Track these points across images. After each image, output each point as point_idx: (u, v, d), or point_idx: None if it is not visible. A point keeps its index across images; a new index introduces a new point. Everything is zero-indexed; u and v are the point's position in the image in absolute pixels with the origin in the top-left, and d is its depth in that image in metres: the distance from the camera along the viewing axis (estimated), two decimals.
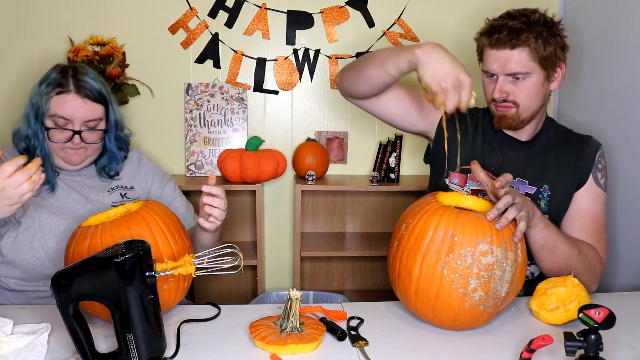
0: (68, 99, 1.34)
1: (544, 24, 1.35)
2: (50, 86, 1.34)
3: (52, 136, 1.35)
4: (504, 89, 1.37)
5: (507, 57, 1.34)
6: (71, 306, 0.93)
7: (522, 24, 1.33)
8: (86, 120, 1.36)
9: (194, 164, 2.21)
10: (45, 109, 1.33)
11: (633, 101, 1.75)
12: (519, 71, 1.34)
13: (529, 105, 1.37)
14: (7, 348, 0.98)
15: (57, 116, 1.33)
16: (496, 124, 1.42)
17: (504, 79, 1.36)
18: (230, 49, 2.19)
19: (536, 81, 1.36)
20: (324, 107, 2.27)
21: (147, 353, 0.95)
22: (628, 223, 1.77)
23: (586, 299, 1.16)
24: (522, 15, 1.36)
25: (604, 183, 1.41)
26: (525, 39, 1.32)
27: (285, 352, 1.00)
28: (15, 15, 2.11)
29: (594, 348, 0.85)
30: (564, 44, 1.39)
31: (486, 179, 1.17)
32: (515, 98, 1.37)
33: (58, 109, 1.33)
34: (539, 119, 1.44)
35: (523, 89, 1.36)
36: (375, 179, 2.11)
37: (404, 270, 1.11)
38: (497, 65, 1.36)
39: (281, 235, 2.33)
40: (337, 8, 2.19)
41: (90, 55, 2.05)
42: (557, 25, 1.38)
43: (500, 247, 1.05)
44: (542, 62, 1.35)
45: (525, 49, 1.33)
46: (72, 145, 1.36)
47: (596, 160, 1.41)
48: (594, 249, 1.34)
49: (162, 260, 1.02)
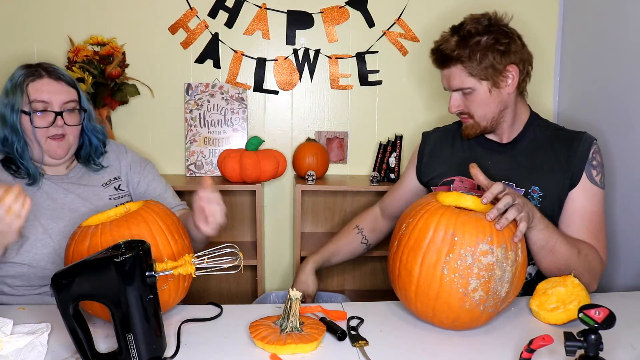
0: (43, 82, 1.36)
1: (481, 34, 1.36)
2: (22, 77, 1.35)
3: (35, 122, 1.34)
4: (456, 103, 1.43)
5: (447, 75, 1.42)
6: (71, 306, 0.93)
7: (454, 43, 1.37)
8: (64, 102, 1.37)
9: (194, 164, 2.21)
10: (21, 99, 1.34)
11: (633, 100, 1.75)
12: (461, 87, 1.40)
13: (484, 114, 1.42)
14: (7, 348, 0.98)
15: (35, 101, 1.34)
16: (462, 134, 1.50)
17: (453, 93, 1.43)
18: (230, 49, 2.19)
19: (482, 93, 1.39)
20: (324, 107, 2.27)
21: (147, 353, 0.95)
22: (628, 223, 1.77)
23: (586, 298, 1.16)
24: (460, 29, 1.39)
25: (600, 180, 1.38)
26: (457, 57, 1.37)
27: (285, 352, 1.00)
28: (15, 15, 2.11)
29: (594, 348, 0.85)
30: (507, 49, 1.37)
31: (486, 182, 1.17)
32: (468, 110, 1.43)
33: (35, 94, 1.35)
34: (511, 121, 1.45)
35: (472, 101, 1.41)
36: (375, 179, 2.11)
37: (404, 270, 1.11)
38: (445, 82, 1.45)
39: (281, 235, 2.33)
40: (337, 8, 2.19)
41: (90, 55, 2.05)
42: (497, 33, 1.37)
43: (501, 247, 1.05)
44: (482, 75, 1.37)
45: (458, 66, 1.38)
46: (55, 130, 1.36)
47: (590, 157, 1.38)
48: (594, 249, 1.33)
49: (162, 260, 1.02)
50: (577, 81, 2.10)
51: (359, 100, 2.26)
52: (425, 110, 2.28)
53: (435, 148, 1.59)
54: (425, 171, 1.58)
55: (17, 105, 1.34)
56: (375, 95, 2.27)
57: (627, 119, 1.78)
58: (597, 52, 1.96)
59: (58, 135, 1.37)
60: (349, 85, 2.24)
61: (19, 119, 1.35)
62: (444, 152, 1.56)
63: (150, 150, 2.21)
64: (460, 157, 1.51)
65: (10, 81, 1.37)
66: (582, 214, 1.36)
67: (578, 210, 1.36)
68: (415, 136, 2.23)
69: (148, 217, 1.13)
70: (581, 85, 2.07)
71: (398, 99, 2.27)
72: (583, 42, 2.06)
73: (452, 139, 1.57)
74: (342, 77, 2.23)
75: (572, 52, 2.15)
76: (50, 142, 1.37)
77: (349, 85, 2.24)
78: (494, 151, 1.47)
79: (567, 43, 2.18)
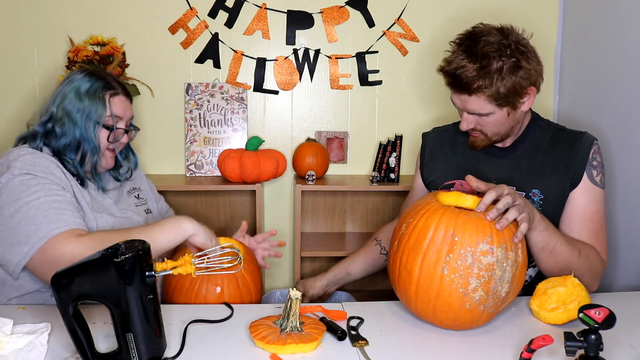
0: (121, 99, 1.40)
1: (500, 57, 1.27)
2: (100, 88, 1.36)
3: (111, 137, 1.38)
4: (469, 122, 1.38)
5: (465, 99, 1.34)
6: (71, 306, 0.92)
7: (475, 71, 1.27)
8: (129, 119, 1.44)
9: (194, 164, 2.21)
10: (104, 111, 1.36)
11: (633, 101, 1.75)
12: (479, 112, 1.34)
13: (497, 132, 1.39)
14: (7, 348, 0.98)
15: (115, 116, 1.38)
16: (471, 145, 1.45)
17: (468, 115, 1.37)
18: (230, 49, 2.19)
19: (500, 116, 1.34)
20: (324, 107, 2.27)
21: (147, 353, 0.95)
22: (628, 223, 1.77)
23: (586, 298, 1.16)
24: (478, 56, 1.28)
25: (600, 180, 1.38)
26: (478, 87, 1.28)
27: (285, 351, 1.00)
28: (15, 15, 2.11)
29: (594, 348, 0.85)
30: (529, 74, 1.30)
31: (484, 187, 1.15)
32: (482, 129, 1.39)
33: (115, 109, 1.38)
34: (517, 130, 1.43)
35: (487, 122, 1.36)
36: (375, 179, 2.11)
37: (404, 270, 1.11)
38: (459, 103, 1.38)
39: (281, 235, 2.33)
40: (337, 8, 2.19)
41: (91, 55, 2.05)
42: (518, 56, 1.29)
43: (501, 247, 1.05)
44: (502, 102, 1.31)
45: (481, 95, 1.30)
46: (119, 145, 1.41)
47: (590, 157, 1.37)
48: (594, 249, 1.33)
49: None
50: (577, 81, 2.10)
51: (359, 100, 2.26)
52: (425, 110, 2.28)
53: (435, 149, 1.58)
54: (427, 172, 1.58)
55: (97, 117, 1.35)
56: (375, 95, 2.27)
57: (627, 119, 1.78)
58: (597, 52, 1.96)
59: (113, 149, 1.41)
60: (349, 85, 2.24)
61: (97, 130, 1.36)
62: (444, 154, 1.55)
63: (150, 150, 2.21)
64: (461, 161, 1.50)
65: (82, 88, 1.36)
66: (583, 214, 1.35)
67: (579, 210, 1.35)
68: (415, 136, 2.23)
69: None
70: (581, 85, 2.07)
71: (398, 99, 2.27)
72: (583, 42, 2.06)
73: (452, 139, 1.55)
74: (342, 77, 2.23)
75: (572, 52, 2.15)
76: (107, 153, 1.40)
77: (349, 85, 2.24)
78: (494, 155, 1.46)
79: (567, 43, 2.18)
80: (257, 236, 1.56)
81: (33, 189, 1.21)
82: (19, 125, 2.15)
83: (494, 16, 2.22)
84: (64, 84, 1.38)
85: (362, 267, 1.61)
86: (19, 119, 2.15)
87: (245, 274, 1.33)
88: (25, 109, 2.15)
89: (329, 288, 1.59)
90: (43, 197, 1.20)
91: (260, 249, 1.56)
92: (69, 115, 1.34)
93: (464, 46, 1.31)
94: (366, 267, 1.61)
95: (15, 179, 1.21)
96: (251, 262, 1.40)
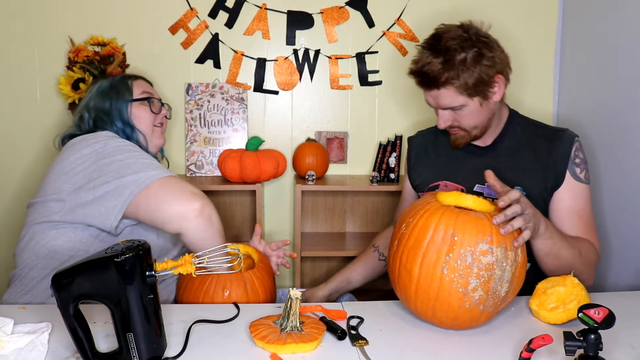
0: (143, 82, 1.57)
1: (463, 49, 1.33)
2: (120, 79, 1.52)
3: (152, 106, 1.51)
4: (446, 119, 1.42)
5: (436, 95, 1.39)
6: (71, 306, 0.93)
7: (440, 64, 1.33)
8: (159, 99, 1.57)
9: (194, 164, 2.21)
10: (129, 92, 1.49)
11: (632, 101, 1.75)
12: (452, 106, 1.38)
13: (475, 125, 1.42)
14: (7, 347, 0.98)
15: (144, 92, 1.52)
16: (452, 145, 1.49)
17: (442, 111, 1.42)
18: (231, 49, 2.19)
19: (473, 107, 1.38)
20: (324, 107, 2.27)
21: (147, 352, 0.95)
22: (629, 223, 1.77)
23: (586, 298, 1.16)
24: (441, 51, 1.33)
25: (584, 176, 1.40)
26: (445, 80, 1.33)
27: (285, 351, 1.00)
28: (15, 15, 2.11)
29: (593, 348, 0.85)
30: (493, 62, 1.35)
31: (502, 189, 1.15)
32: (459, 124, 1.42)
33: (141, 87, 1.53)
34: (495, 125, 1.46)
35: (462, 116, 1.40)
36: (375, 179, 2.11)
37: (404, 270, 1.11)
38: (432, 101, 1.42)
39: (281, 236, 2.33)
40: (337, 8, 2.19)
41: (91, 56, 2.05)
42: (480, 46, 1.34)
43: (500, 246, 1.06)
44: (472, 92, 1.35)
45: (449, 87, 1.35)
46: (160, 118, 1.54)
47: (572, 155, 1.39)
48: (590, 243, 1.36)
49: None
50: (577, 81, 2.10)
51: (359, 100, 2.26)
52: (425, 110, 2.27)
53: (419, 152, 1.62)
54: (413, 176, 1.61)
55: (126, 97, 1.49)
56: (375, 95, 2.27)
57: (627, 119, 1.78)
58: (597, 52, 1.96)
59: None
60: (349, 85, 2.24)
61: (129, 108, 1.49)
62: (429, 157, 1.58)
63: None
64: (444, 162, 1.54)
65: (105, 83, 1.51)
66: (571, 212, 1.38)
67: (566, 208, 1.39)
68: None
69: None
70: (581, 86, 2.07)
71: (398, 99, 2.27)
72: (583, 42, 2.06)
73: (435, 142, 1.59)
74: (342, 77, 2.24)
75: (572, 52, 2.15)
76: (156, 130, 1.54)
77: (349, 85, 2.24)
78: (475, 154, 1.49)
79: (567, 44, 2.18)
80: (271, 244, 1.58)
81: (136, 148, 1.35)
82: (19, 126, 2.15)
83: (494, 16, 2.21)
84: (87, 94, 1.50)
85: (362, 274, 1.62)
86: (19, 119, 2.15)
87: (255, 279, 1.32)
88: (25, 109, 2.15)
89: (331, 297, 1.59)
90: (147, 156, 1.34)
91: (275, 256, 1.57)
92: (99, 110, 1.44)
93: (428, 46, 1.38)
94: (366, 274, 1.63)
95: (118, 140, 1.35)
96: (264, 268, 1.39)
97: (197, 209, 1.22)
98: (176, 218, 1.22)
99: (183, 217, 1.22)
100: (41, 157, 2.16)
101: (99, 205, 1.25)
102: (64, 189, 1.28)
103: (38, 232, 1.30)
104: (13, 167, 2.18)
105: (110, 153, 1.29)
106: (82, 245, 1.29)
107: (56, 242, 1.29)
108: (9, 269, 1.39)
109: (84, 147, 1.31)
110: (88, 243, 1.30)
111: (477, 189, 1.46)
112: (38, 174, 2.16)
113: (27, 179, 2.18)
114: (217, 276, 1.29)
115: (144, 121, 1.48)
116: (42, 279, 1.30)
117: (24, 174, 2.18)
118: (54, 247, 1.29)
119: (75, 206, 1.27)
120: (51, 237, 1.29)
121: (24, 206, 1.43)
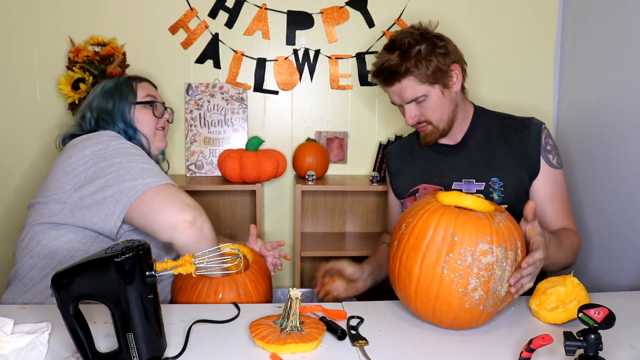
0: (147, 84, 1.56)
1: (418, 43, 1.42)
2: (124, 80, 1.52)
3: (155, 110, 1.51)
4: (412, 114, 1.48)
5: (399, 89, 1.46)
6: (71, 306, 0.93)
7: (397, 58, 1.42)
8: (162, 103, 1.57)
9: (194, 164, 2.21)
10: (133, 94, 1.49)
11: (633, 101, 1.75)
12: (415, 97, 1.44)
13: (441, 117, 1.48)
14: (7, 347, 0.98)
15: (148, 95, 1.52)
16: (423, 142, 1.54)
17: (408, 105, 1.48)
18: (231, 49, 2.19)
19: (435, 97, 1.45)
20: (324, 107, 2.27)
21: (147, 352, 0.95)
22: (629, 224, 1.77)
23: (586, 298, 1.16)
24: (397, 47, 1.44)
25: (557, 162, 1.47)
26: (405, 70, 1.42)
27: (285, 351, 1.00)
28: (15, 15, 2.11)
29: (593, 347, 0.85)
30: (446, 50, 1.44)
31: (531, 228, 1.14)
32: (425, 117, 1.48)
33: (144, 91, 1.52)
34: (460, 119, 1.52)
35: (427, 108, 1.46)
36: (375, 179, 2.11)
37: (404, 270, 1.11)
38: (396, 98, 1.48)
39: (281, 236, 2.33)
40: (337, 8, 2.19)
41: (91, 56, 2.05)
42: (431, 39, 1.44)
43: (500, 246, 1.06)
44: (431, 80, 1.43)
45: (409, 77, 1.43)
46: (163, 122, 1.54)
47: (543, 142, 1.45)
48: (572, 231, 1.43)
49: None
50: (577, 81, 2.10)
51: (359, 100, 2.26)
52: None
53: (397, 162, 1.66)
54: (395, 184, 1.65)
55: (129, 99, 1.49)
56: (375, 95, 2.27)
57: (627, 119, 1.78)
58: (597, 52, 1.96)
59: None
60: (349, 85, 2.24)
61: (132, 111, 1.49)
62: (406, 163, 1.63)
63: None
64: (420, 166, 1.58)
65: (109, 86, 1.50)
66: (552, 199, 1.45)
67: (546, 196, 1.45)
68: None
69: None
70: (581, 86, 2.07)
71: None
72: (583, 42, 2.06)
73: (410, 150, 1.64)
74: (342, 77, 2.24)
75: (572, 52, 2.15)
76: (158, 133, 1.54)
77: (349, 85, 2.24)
78: (448, 153, 1.54)
79: (567, 44, 2.19)
80: (267, 244, 1.59)
81: (138, 151, 1.34)
82: (19, 126, 2.15)
83: (494, 17, 2.22)
84: (90, 93, 1.50)
85: (384, 266, 1.59)
86: (19, 119, 2.15)
87: (248, 281, 1.31)
88: (25, 109, 2.15)
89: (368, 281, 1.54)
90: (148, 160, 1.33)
91: (271, 256, 1.58)
92: (102, 110, 1.44)
93: (384, 48, 1.49)
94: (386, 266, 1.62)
95: (120, 142, 1.33)
96: (258, 270, 1.37)
97: (189, 221, 1.21)
98: (167, 228, 1.21)
99: (174, 228, 1.21)
100: (41, 157, 2.16)
101: (98, 211, 1.25)
102: (65, 189, 1.28)
103: (38, 233, 1.30)
104: (13, 167, 2.18)
105: (111, 155, 1.29)
106: (82, 246, 1.29)
107: (56, 243, 1.29)
108: (9, 269, 1.39)
109: (86, 147, 1.31)
110: (88, 243, 1.30)
111: (455, 187, 1.50)
112: (38, 174, 2.16)
113: (27, 179, 2.18)
114: (210, 279, 1.28)
115: (146, 124, 1.49)
116: (42, 279, 1.30)
117: (24, 174, 2.18)
118: (54, 247, 1.29)
119: (76, 208, 1.27)
120: (52, 238, 1.29)
121: (24, 206, 1.43)
